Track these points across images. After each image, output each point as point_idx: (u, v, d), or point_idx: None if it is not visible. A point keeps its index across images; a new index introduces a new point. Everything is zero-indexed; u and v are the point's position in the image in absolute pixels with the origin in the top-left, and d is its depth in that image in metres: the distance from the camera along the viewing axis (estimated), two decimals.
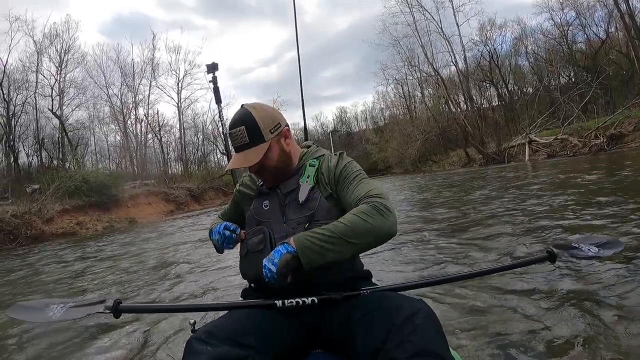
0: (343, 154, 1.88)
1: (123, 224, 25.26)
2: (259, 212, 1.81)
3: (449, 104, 43.29)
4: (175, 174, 45.40)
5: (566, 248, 1.82)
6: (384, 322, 1.35)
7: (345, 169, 1.77)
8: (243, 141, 1.71)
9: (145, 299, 5.04)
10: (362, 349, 1.36)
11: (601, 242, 1.87)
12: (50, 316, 1.69)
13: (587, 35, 35.68)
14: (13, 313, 1.77)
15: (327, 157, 1.87)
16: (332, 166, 1.79)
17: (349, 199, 1.65)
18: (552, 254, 1.74)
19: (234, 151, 1.76)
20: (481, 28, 41.32)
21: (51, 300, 1.79)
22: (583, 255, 1.80)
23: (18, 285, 7.58)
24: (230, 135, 1.76)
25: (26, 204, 21.51)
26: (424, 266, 4.75)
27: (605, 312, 2.83)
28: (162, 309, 2.67)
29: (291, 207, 1.74)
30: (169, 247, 10.18)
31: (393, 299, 1.46)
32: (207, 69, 3.97)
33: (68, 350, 3.59)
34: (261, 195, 1.86)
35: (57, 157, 37.69)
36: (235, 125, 1.72)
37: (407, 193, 17.11)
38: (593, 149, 22.20)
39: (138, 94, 45.30)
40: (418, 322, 1.31)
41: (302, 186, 1.75)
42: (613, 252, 1.84)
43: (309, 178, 1.77)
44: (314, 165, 1.82)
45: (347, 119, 70.29)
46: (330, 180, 1.77)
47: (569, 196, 8.13)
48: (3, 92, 33.69)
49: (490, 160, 31.59)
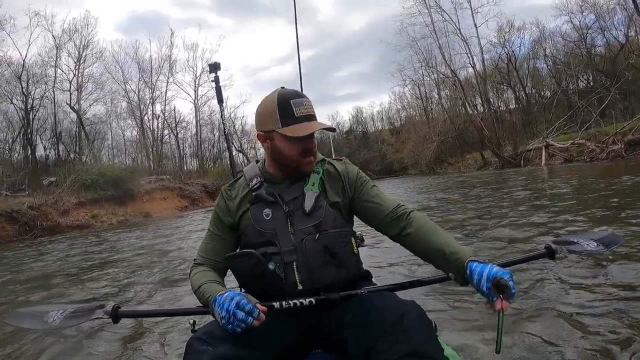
0: (347, 160, 1.87)
1: (138, 218, 25.52)
2: (260, 222, 1.67)
3: (466, 106, 42.96)
4: (190, 170, 45.65)
5: (565, 244, 1.80)
6: (376, 323, 1.37)
7: (361, 176, 1.79)
8: (313, 111, 1.67)
9: (147, 301, 5.06)
10: (355, 350, 1.38)
11: (600, 237, 1.85)
12: (50, 322, 1.70)
13: (607, 38, 35.10)
14: (12, 320, 1.80)
15: (332, 162, 1.82)
16: (344, 173, 1.78)
17: (374, 206, 1.72)
18: (551, 249, 1.72)
19: (302, 120, 1.62)
20: (499, 30, 40.89)
21: (49, 306, 1.82)
22: (582, 251, 1.79)
23: (25, 282, 7.62)
24: (299, 102, 1.63)
25: (42, 196, 21.82)
26: (422, 263, 4.71)
27: (606, 312, 2.81)
28: (160, 313, 2.67)
29: (297, 216, 1.66)
30: (176, 245, 10.24)
31: (386, 300, 1.48)
32: (210, 69, 3.97)
33: (67, 350, 3.61)
34: (258, 201, 1.71)
35: (74, 150, 38.15)
36: (302, 96, 1.66)
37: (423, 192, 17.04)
38: (610, 154, 21.86)
39: (155, 90, 45.61)
40: (409, 323, 1.33)
41: (307, 194, 1.68)
42: (612, 248, 1.83)
43: (314, 186, 1.71)
44: (318, 172, 1.74)
45: (364, 119, 70.38)
46: (345, 187, 1.75)
47: (581, 199, 8.03)
48: (22, 86, 34.10)
49: (506, 164, 31.35)
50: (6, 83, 33.60)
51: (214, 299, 1.44)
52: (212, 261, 1.74)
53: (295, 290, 1.57)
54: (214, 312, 1.43)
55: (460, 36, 40.82)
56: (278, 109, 1.61)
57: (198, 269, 1.72)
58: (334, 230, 1.63)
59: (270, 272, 1.55)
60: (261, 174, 1.76)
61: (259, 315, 1.35)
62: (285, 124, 1.61)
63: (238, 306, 1.35)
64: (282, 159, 1.70)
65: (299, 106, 1.61)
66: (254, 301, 1.38)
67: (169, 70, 46.51)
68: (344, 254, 1.63)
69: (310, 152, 1.67)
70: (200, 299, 1.59)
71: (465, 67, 43.17)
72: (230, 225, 1.74)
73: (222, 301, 1.39)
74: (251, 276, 1.60)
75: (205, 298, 1.54)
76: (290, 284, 1.58)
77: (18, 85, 34.00)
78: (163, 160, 44.79)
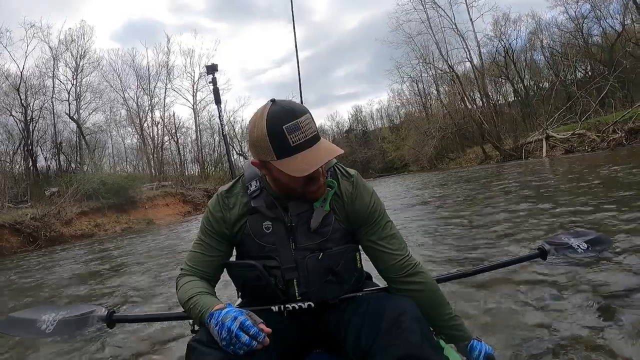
0: (359, 179, 1.63)
1: (141, 225, 25.46)
2: (259, 235, 1.56)
3: (465, 101, 43.00)
4: (192, 175, 45.70)
5: (557, 245, 1.81)
6: (372, 325, 1.36)
7: (373, 210, 1.59)
8: (313, 131, 1.38)
9: (147, 305, 5.05)
10: (352, 351, 1.38)
11: (591, 239, 1.86)
12: (43, 330, 1.69)
13: (603, 27, 35.24)
14: (5, 328, 1.79)
15: (339, 177, 1.60)
16: (349, 199, 1.57)
17: (381, 252, 1.57)
18: (544, 250, 1.73)
19: (299, 149, 1.35)
20: (495, 23, 41.09)
21: (42, 309, 1.80)
22: (573, 254, 1.79)
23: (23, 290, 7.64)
24: (295, 127, 1.34)
25: (45, 207, 21.83)
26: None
27: (606, 310, 2.77)
28: (156, 317, 2.66)
29: (300, 232, 1.54)
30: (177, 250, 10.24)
31: (382, 301, 1.46)
32: (207, 70, 3.95)
33: (63, 353, 3.62)
34: (256, 212, 1.57)
35: (75, 160, 38.19)
36: (299, 114, 1.36)
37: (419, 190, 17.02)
38: (611, 143, 21.80)
39: (154, 96, 45.66)
40: (404, 325, 1.32)
41: (316, 211, 1.53)
42: (602, 250, 1.84)
43: (324, 202, 1.54)
44: (332, 186, 1.56)
45: (363, 117, 70.36)
46: (352, 217, 1.58)
47: (585, 193, 8.02)
48: (21, 98, 34.25)
49: (508, 157, 31.34)
50: (5, 95, 33.79)
51: (210, 314, 1.34)
52: (201, 272, 1.61)
53: (294, 300, 1.56)
54: (209, 328, 1.33)
55: (457, 31, 40.78)
56: (269, 140, 1.35)
57: (186, 279, 1.59)
58: (338, 247, 1.55)
59: (272, 285, 1.53)
60: (261, 178, 1.58)
61: (263, 340, 1.26)
62: (280, 155, 1.36)
63: (242, 328, 1.26)
64: (284, 189, 1.52)
65: (294, 132, 1.33)
66: (258, 321, 1.29)
67: (167, 76, 46.63)
68: (347, 270, 1.58)
69: (316, 181, 1.46)
70: (190, 311, 1.47)
71: (463, 62, 43.12)
72: (225, 236, 1.61)
73: (222, 319, 1.29)
74: (251, 285, 1.57)
75: (197, 311, 1.42)
76: (290, 296, 1.57)
77: (17, 97, 34.16)
78: (164, 167, 44.85)
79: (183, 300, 1.51)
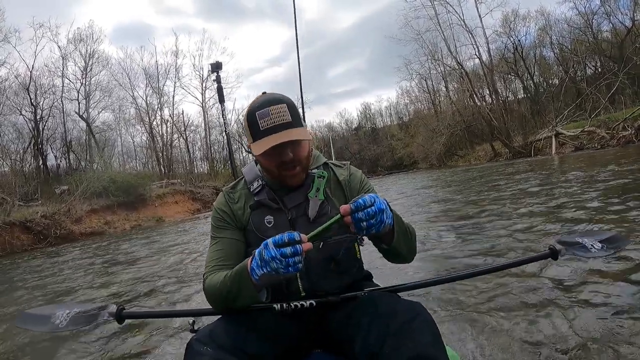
0: (350, 166, 1.80)
1: (150, 222, 25.66)
2: (261, 229, 1.61)
3: (474, 98, 42.79)
4: (201, 173, 45.90)
5: (569, 244, 1.78)
6: (382, 326, 1.35)
7: (365, 183, 1.74)
8: (284, 119, 1.49)
9: (152, 303, 5.10)
10: (360, 353, 1.37)
11: (605, 238, 1.83)
12: (57, 324, 1.71)
13: (613, 23, 34.83)
14: (21, 323, 1.82)
15: (333, 168, 1.75)
16: (346, 181, 1.71)
17: None
18: (555, 250, 1.70)
19: (267, 133, 1.48)
20: (504, 19, 40.68)
21: (56, 306, 1.83)
22: (585, 253, 1.76)
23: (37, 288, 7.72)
24: (264, 113, 1.49)
25: (55, 205, 22.03)
26: (422, 264, 4.77)
27: (611, 312, 2.77)
28: (164, 314, 2.72)
29: (300, 223, 1.60)
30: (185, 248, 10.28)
31: (391, 302, 1.46)
32: (211, 68, 3.96)
33: (69, 348, 3.67)
34: (259, 207, 1.65)
35: (85, 158, 38.51)
36: (273, 103, 1.50)
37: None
38: (621, 140, 21.71)
39: (163, 95, 45.84)
40: (415, 326, 1.32)
41: (312, 201, 1.61)
42: (616, 250, 1.80)
43: (318, 192, 1.63)
44: (323, 176, 1.67)
45: (372, 114, 70.15)
46: (347, 195, 1.67)
47: (595, 190, 7.98)
48: (30, 97, 34.65)
49: (517, 154, 31.20)
50: (15, 95, 34.10)
51: (250, 269, 1.35)
52: (226, 267, 1.55)
53: (297, 296, 1.57)
54: (262, 279, 1.34)
55: (465, 27, 40.74)
56: (247, 123, 1.54)
57: (212, 276, 1.55)
58: (337, 236, 1.60)
59: None
60: (262, 177, 1.69)
61: (300, 238, 1.27)
62: (254, 138, 1.52)
63: (277, 243, 1.27)
64: (266, 172, 1.65)
65: (264, 117, 1.48)
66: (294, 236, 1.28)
67: (175, 74, 46.81)
68: (348, 260, 1.63)
69: (288, 165, 1.54)
70: (230, 288, 1.43)
71: (472, 59, 43.05)
72: (238, 226, 1.66)
73: (260, 260, 1.31)
74: None
75: (236, 282, 1.41)
76: (293, 291, 1.58)
77: (27, 97, 34.53)
78: (173, 164, 45.03)
79: (215, 287, 1.49)
